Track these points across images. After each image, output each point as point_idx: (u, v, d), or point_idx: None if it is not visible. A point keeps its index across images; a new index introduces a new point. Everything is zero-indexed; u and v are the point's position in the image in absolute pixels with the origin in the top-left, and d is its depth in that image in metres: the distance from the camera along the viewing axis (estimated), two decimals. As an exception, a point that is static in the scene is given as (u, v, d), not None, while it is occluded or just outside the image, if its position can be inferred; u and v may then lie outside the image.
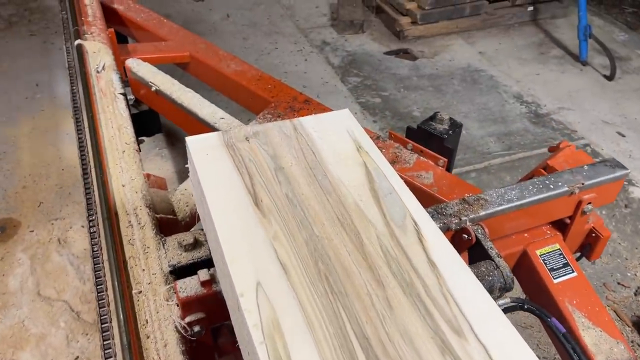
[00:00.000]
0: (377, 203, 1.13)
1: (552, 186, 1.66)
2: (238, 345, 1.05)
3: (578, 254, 1.94)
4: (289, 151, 1.24)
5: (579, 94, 4.28)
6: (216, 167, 1.19)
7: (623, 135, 3.82)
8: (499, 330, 0.90)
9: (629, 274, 2.80)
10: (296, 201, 1.12)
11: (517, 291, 1.88)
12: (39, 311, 2.49)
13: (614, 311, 2.62)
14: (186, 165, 1.33)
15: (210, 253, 1.41)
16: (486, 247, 1.52)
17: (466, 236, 1.54)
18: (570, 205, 1.72)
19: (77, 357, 2.32)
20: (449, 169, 2.07)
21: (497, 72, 4.54)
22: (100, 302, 1.46)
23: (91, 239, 1.63)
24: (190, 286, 1.34)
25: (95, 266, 1.55)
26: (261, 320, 0.89)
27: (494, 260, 1.48)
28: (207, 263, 1.45)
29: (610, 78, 4.43)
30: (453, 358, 0.85)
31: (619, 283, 2.75)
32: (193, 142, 1.25)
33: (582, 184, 1.68)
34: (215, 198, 1.12)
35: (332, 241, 1.04)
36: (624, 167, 1.75)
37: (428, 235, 1.06)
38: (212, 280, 1.34)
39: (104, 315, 1.43)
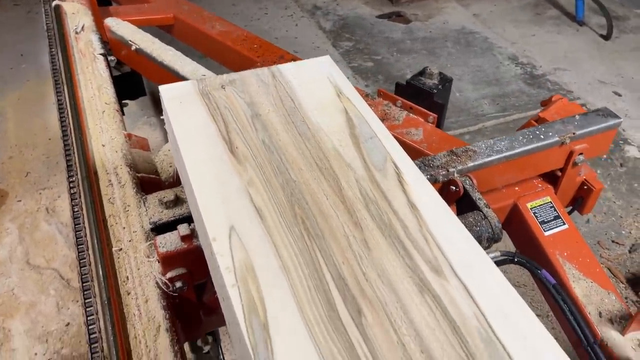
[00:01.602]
0: (357, 148, 1.08)
1: (542, 136, 1.62)
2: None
3: (570, 208, 1.91)
4: (266, 98, 1.19)
5: (575, 55, 4.20)
6: (190, 115, 1.14)
7: (619, 95, 3.76)
8: (480, 270, 0.87)
9: (623, 232, 2.78)
10: (273, 147, 1.08)
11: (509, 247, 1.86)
12: (28, 280, 2.47)
13: (608, 268, 2.61)
14: (161, 117, 1.29)
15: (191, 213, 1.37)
16: (474, 198, 1.48)
17: (454, 188, 1.51)
18: (562, 156, 1.68)
19: (68, 323, 2.31)
20: (439, 125, 2.03)
21: (492, 34, 4.45)
22: (81, 261, 1.42)
23: (71, 199, 1.59)
24: (170, 241, 1.31)
25: (76, 226, 1.52)
26: (234, 264, 0.86)
27: (482, 211, 1.45)
28: (188, 219, 1.41)
29: (607, 38, 4.34)
30: (432, 296, 0.82)
31: (613, 241, 2.73)
32: (167, 91, 1.20)
33: (573, 133, 1.63)
34: (188, 146, 1.08)
35: (310, 186, 1.00)
36: (616, 116, 1.70)
37: (409, 178, 1.02)
38: (193, 235, 1.30)
39: (84, 274, 1.40)
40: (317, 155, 1.06)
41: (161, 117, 1.32)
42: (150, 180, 1.69)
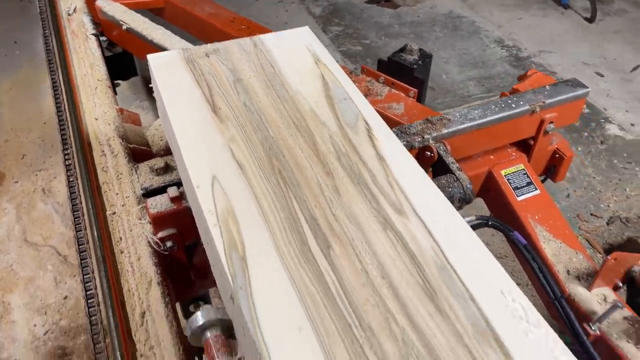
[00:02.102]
0: (331, 108, 1.17)
1: (514, 105, 1.71)
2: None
3: (544, 177, 2.00)
4: (248, 65, 1.28)
5: (559, 37, 4.29)
6: (176, 81, 1.22)
7: (602, 76, 3.85)
8: (438, 210, 0.96)
9: (602, 206, 2.88)
10: (253, 108, 1.16)
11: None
12: (26, 256, 2.55)
13: (587, 240, 2.71)
14: (150, 85, 1.37)
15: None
16: (447, 162, 1.57)
17: (429, 153, 1.59)
18: (533, 124, 1.77)
19: (66, 296, 2.40)
20: (420, 99, 2.11)
21: (479, 18, 4.53)
22: (77, 225, 1.50)
23: (66, 170, 1.67)
24: (160, 203, 1.40)
25: (72, 194, 1.59)
26: (216, 208, 0.94)
27: (454, 174, 1.54)
28: (178, 184, 1.50)
29: (591, 20, 4.43)
30: (394, 232, 0.91)
31: (592, 214, 2.83)
32: (154, 59, 1.28)
33: (543, 102, 1.72)
34: (175, 108, 1.16)
35: (287, 141, 1.09)
36: (584, 86, 1.79)
37: (379, 134, 1.11)
38: (182, 197, 1.39)
39: (80, 237, 1.48)
40: (294, 115, 1.15)
41: (152, 94, 1.40)
42: (142, 151, 1.77)
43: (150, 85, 1.37)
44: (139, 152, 1.74)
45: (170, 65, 1.26)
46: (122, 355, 1.16)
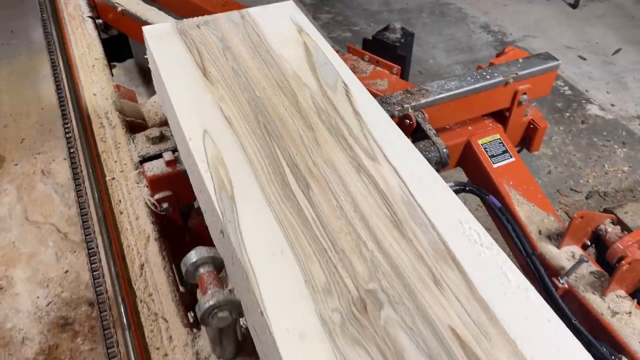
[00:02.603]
0: (313, 71, 1.27)
1: (488, 77, 1.81)
2: (206, 226, 1.19)
3: (519, 148, 2.11)
4: (236, 35, 1.38)
5: (544, 22, 4.40)
6: (169, 50, 1.32)
7: (584, 59, 3.97)
8: (408, 158, 1.07)
9: (581, 181, 3.00)
10: (241, 72, 1.26)
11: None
12: (27, 234, 2.64)
13: (566, 213, 2.83)
14: (145, 57, 1.47)
15: (176, 145, 1.54)
16: (425, 129, 1.68)
17: (408, 121, 1.70)
18: (507, 95, 1.88)
19: (67, 271, 2.50)
20: (403, 76, 2.22)
21: (466, 4, 4.63)
22: (78, 192, 1.60)
23: (67, 142, 1.77)
24: (156, 166, 1.50)
25: (72, 164, 1.69)
26: (207, 157, 1.05)
27: (431, 139, 1.65)
28: (173, 151, 1.60)
29: (574, 6, 4.54)
30: (367, 175, 1.02)
31: (572, 189, 2.95)
32: (149, 31, 1.38)
33: (516, 74, 1.83)
34: (169, 73, 1.26)
35: (272, 100, 1.19)
36: (555, 59, 1.90)
37: (356, 93, 1.22)
38: (176, 161, 1.49)
39: (82, 202, 1.58)
40: (278, 78, 1.25)
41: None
42: (138, 124, 1.87)
43: (146, 64, 1.47)
44: (135, 125, 1.84)
45: (164, 36, 1.36)
46: (123, 301, 1.27)
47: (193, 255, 1.07)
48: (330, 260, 0.87)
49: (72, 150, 1.77)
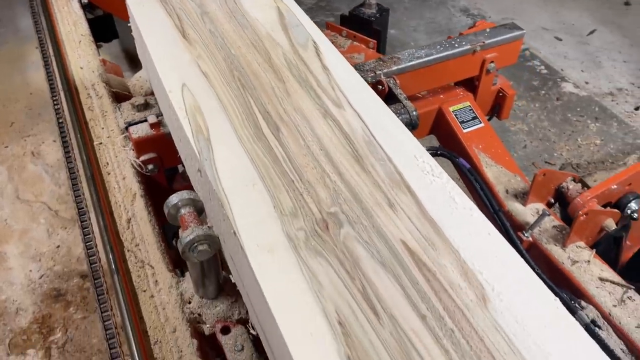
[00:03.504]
0: (285, 33, 1.36)
1: (456, 45, 1.91)
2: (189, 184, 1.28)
3: (489, 116, 2.22)
4: (213, 1, 1.47)
5: (522, 6, 4.50)
6: (150, 15, 1.41)
7: (560, 40, 4.08)
8: (370, 104, 1.16)
9: (555, 154, 3.11)
10: (217, 34, 1.35)
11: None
12: (19, 212, 2.72)
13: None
14: (128, 24, 1.55)
15: (160, 111, 1.62)
16: (396, 93, 1.78)
17: (380, 87, 1.80)
18: (475, 64, 1.98)
19: (58, 246, 2.58)
20: (379, 49, 2.31)
21: (447, -11, 4.72)
22: (67, 157, 1.68)
23: (56, 114, 1.85)
24: (141, 129, 1.59)
25: (61, 132, 1.77)
26: (185, 106, 1.14)
27: (402, 102, 1.75)
28: (157, 115, 1.68)
29: (552, -11, 4.64)
30: (332, 119, 1.12)
31: (546, 162, 3.06)
32: (131, -2, 1.47)
33: (483, 42, 1.93)
34: (150, 35, 1.35)
35: (246, 57, 1.28)
36: (520, 29, 2.00)
37: (325, 51, 1.31)
38: (160, 124, 1.58)
39: (71, 167, 1.66)
40: (252, 38, 1.34)
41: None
42: (124, 96, 1.95)
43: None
44: (121, 96, 1.92)
45: (145, 2, 1.45)
46: (112, 251, 1.36)
47: (174, 198, 1.17)
48: (297, 190, 0.97)
49: (60, 121, 1.85)
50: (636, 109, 3.36)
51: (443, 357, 0.74)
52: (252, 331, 1.12)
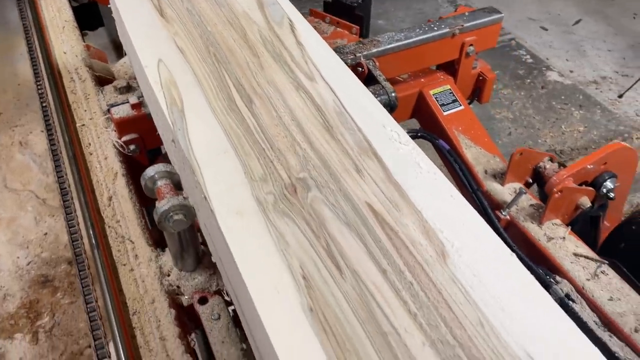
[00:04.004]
0: (261, 10, 1.39)
1: (436, 28, 1.94)
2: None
3: (470, 100, 2.25)
4: (191, -18, 1.49)
5: (509, -4, 4.55)
6: (130, -5, 1.43)
7: (546, 29, 4.12)
8: (342, 77, 1.19)
9: (540, 141, 3.15)
10: (194, 12, 1.38)
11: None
12: (7, 200, 2.73)
13: (524, 170, 2.97)
14: (108, 5, 1.57)
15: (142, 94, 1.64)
16: (375, 75, 1.81)
17: (360, 69, 1.82)
18: (455, 47, 2.01)
19: (46, 233, 2.59)
20: (361, 35, 2.34)
21: (435, -19, 4.76)
22: (50, 138, 1.70)
23: (40, 98, 1.87)
24: (123, 110, 1.61)
25: (45, 115, 1.79)
26: (160, 80, 1.16)
27: (381, 84, 1.78)
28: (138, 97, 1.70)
29: (539, -20, 4.69)
30: (305, 91, 1.14)
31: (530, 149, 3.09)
32: (110, -21, 1.49)
33: (462, 25, 1.96)
34: (128, 14, 1.37)
35: (222, 34, 1.31)
36: (499, 12, 2.04)
37: (300, 28, 1.34)
38: (141, 104, 1.60)
39: (54, 149, 1.68)
40: (229, 16, 1.37)
41: (108, 6, 1.60)
42: (107, 80, 1.97)
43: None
44: (104, 80, 1.94)
45: (125, -17, 1.47)
46: (93, 227, 1.38)
47: (151, 170, 1.19)
48: (268, 157, 1.00)
49: (44, 105, 1.86)
50: (620, 96, 3.41)
51: (402, 308, 0.77)
52: (226, 297, 1.15)
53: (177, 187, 1.22)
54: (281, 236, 0.86)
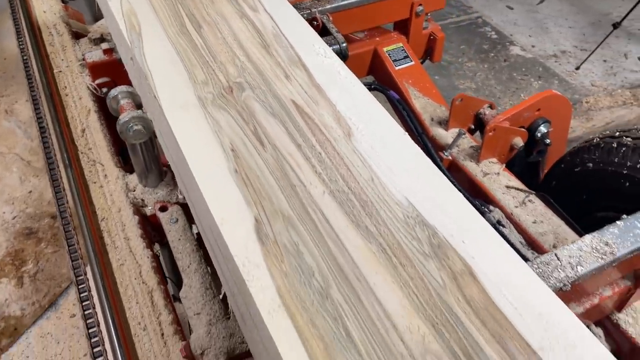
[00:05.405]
0: (216, -41, 1.56)
1: (386, -12, 2.12)
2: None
3: (423, 59, 2.43)
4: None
5: (477, -23, 4.74)
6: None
7: (511, 8, 4.32)
8: (281, 8, 1.36)
9: (499, 108, 3.33)
10: (157, -40, 1.54)
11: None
12: (-7, 162, 2.89)
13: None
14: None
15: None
16: (329, 27, 1.98)
17: (315, 23, 2.00)
18: (405, 6, 2.19)
19: (30, 191, 2.75)
20: None
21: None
22: (29, 82, 1.86)
23: (21, 51, 2.02)
24: (95, 55, 1.77)
25: (25, 65, 1.95)
26: (122, 10, 1.33)
27: (333, 35, 1.95)
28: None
29: (508, -37, 4.88)
30: (247, 19, 1.32)
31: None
32: None
33: (411, -16, 2.14)
34: (97, -38, 1.53)
35: (180, -23, 1.48)
36: (445, -26, 2.22)
37: (250, -27, 1.51)
38: (113, 50, 1.76)
39: (33, 92, 1.84)
40: (187, -37, 1.53)
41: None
42: (84, 35, 2.13)
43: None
44: (80, 35, 2.10)
45: (95, -64, 1.63)
46: (67, 153, 1.55)
47: (114, 91, 1.36)
48: (210, 67, 1.17)
49: (25, 57, 2.02)
50: (577, 68, 3.60)
51: (310, 170, 0.95)
52: (179, 195, 1.32)
53: (139, 107, 1.39)
54: (216, 122, 1.04)
